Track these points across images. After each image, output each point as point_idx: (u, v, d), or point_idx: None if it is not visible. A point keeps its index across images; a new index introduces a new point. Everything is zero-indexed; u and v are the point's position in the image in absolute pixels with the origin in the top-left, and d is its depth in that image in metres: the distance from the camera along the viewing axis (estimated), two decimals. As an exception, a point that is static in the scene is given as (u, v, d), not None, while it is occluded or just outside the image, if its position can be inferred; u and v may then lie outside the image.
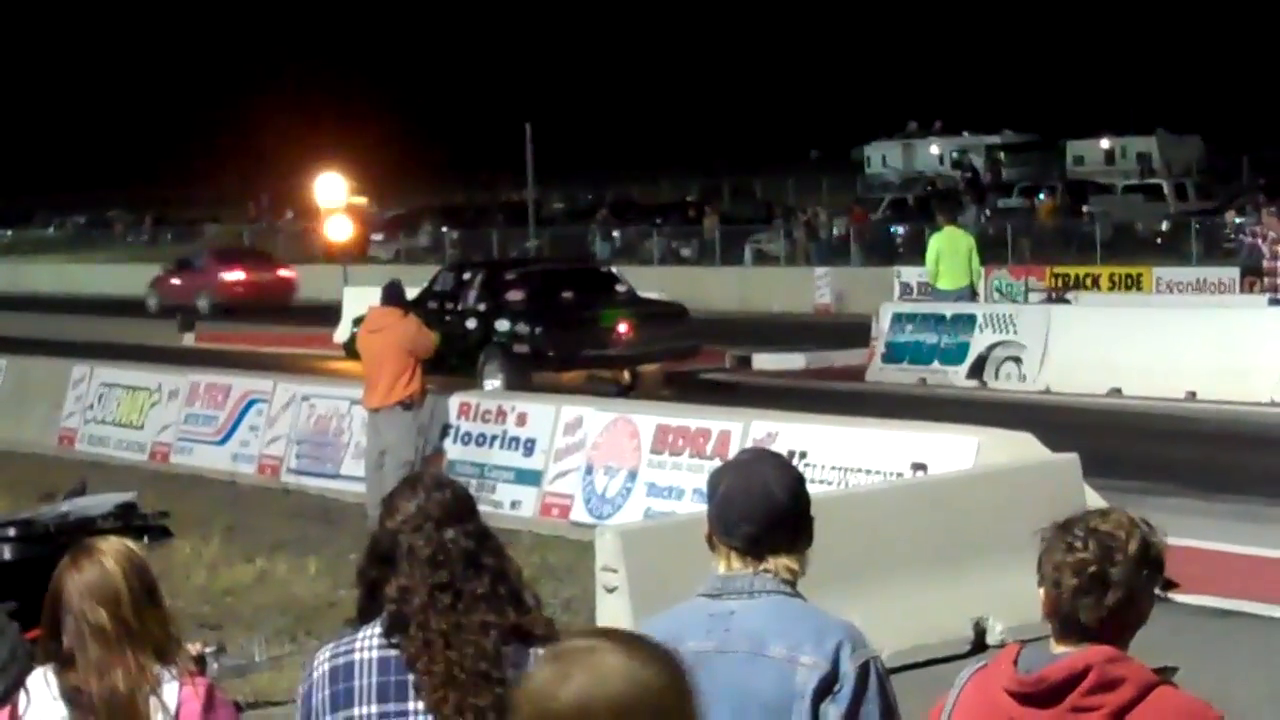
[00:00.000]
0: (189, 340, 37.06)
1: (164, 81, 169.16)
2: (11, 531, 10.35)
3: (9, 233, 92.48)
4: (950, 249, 26.23)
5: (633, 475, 16.06)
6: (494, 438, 17.68)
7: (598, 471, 16.43)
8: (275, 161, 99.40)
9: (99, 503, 10.94)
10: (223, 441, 20.71)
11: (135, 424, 22.14)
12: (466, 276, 27.61)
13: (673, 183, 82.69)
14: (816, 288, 41.18)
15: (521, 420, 17.54)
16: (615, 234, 56.98)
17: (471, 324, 25.97)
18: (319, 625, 12.57)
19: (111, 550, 4.53)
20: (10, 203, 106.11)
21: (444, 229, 61.68)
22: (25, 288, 59.10)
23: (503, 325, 25.84)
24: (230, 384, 21.28)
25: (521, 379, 24.74)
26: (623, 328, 25.87)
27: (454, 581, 4.29)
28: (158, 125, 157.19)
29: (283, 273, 49.68)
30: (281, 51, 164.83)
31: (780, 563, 4.23)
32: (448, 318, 25.23)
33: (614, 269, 31.95)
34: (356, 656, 4.33)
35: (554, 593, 12.74)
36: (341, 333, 29.37)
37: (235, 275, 47.55)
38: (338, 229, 39.10)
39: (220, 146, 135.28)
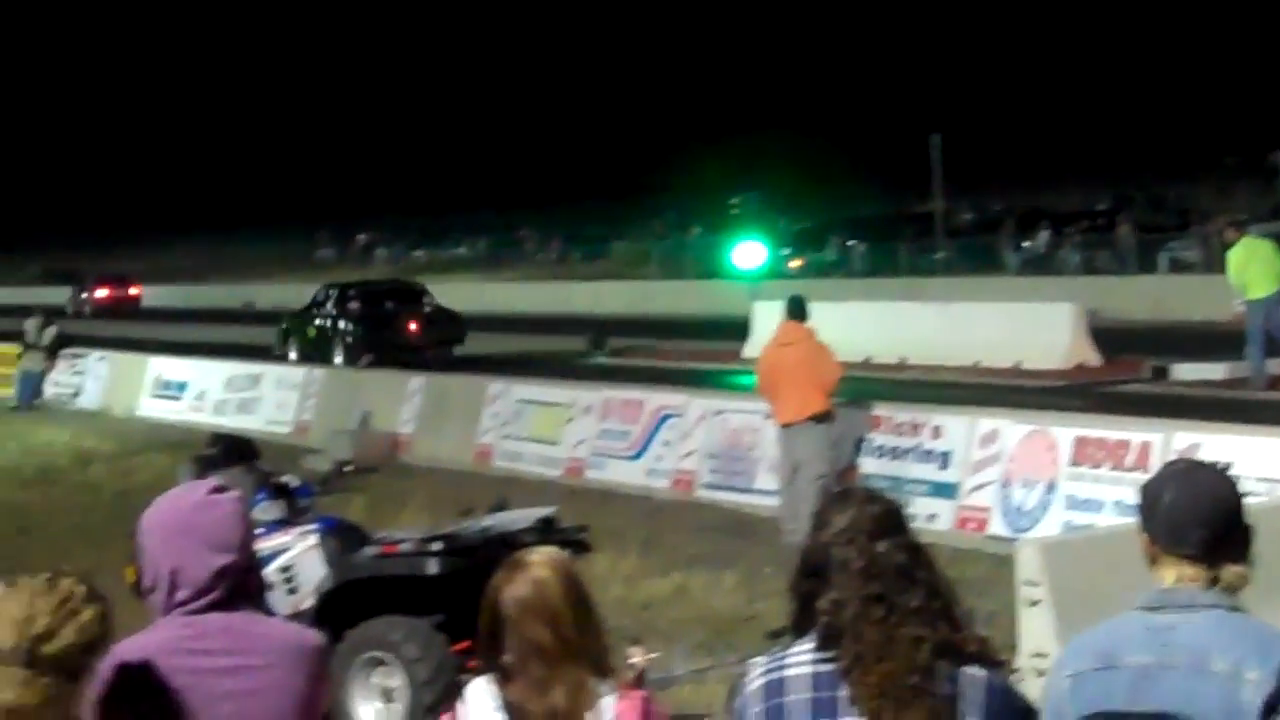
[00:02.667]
0: (600, 356, 37.55)
1: (572, 104, 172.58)
2: (437, 546, 10.53)
3: (423, 252, 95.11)
4: (1252, 258, 25.54)
5: (1051, 488, 15.71)
6: (908, 450, 17.47)
7: (1015, 484, 16.11)
8: (684, 177, 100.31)
9: (520, 517, 11.07)
10: (637, 456, 20.88)
11: (550, 439, 22.46)
12: (329, 293, 41.75)
13: (1083, 191, 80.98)
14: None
15: (937, 433, 17.30)
16: (1025, 244, 55.90)
17: (327, 324, 40.03)
18: (737, 639, 12.53)
19: (546, 563, 4.48)
20: (424, 222, 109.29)
21: (851, 242, 61.35)
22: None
23: (343, 325, 39.65)
24: (643, 399, 21.45)
25: (354, 360, 36.41)
26: (413, 326, 39.50)
27: (887, 594, 4.20)
28: (564, 145, 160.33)
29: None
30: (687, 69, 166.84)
31: (1234, 570, 4.06)
32: (318, 320, 40.50)
33: (423, 284, 45.91)
34: (789, 672, 4.25)
35: (974, 607, 12.47)
36: (752, 347, 29.60)
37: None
38: (748, 256, 39.41)
39: (625, 165, 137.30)
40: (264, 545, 11.15)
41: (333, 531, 11.42)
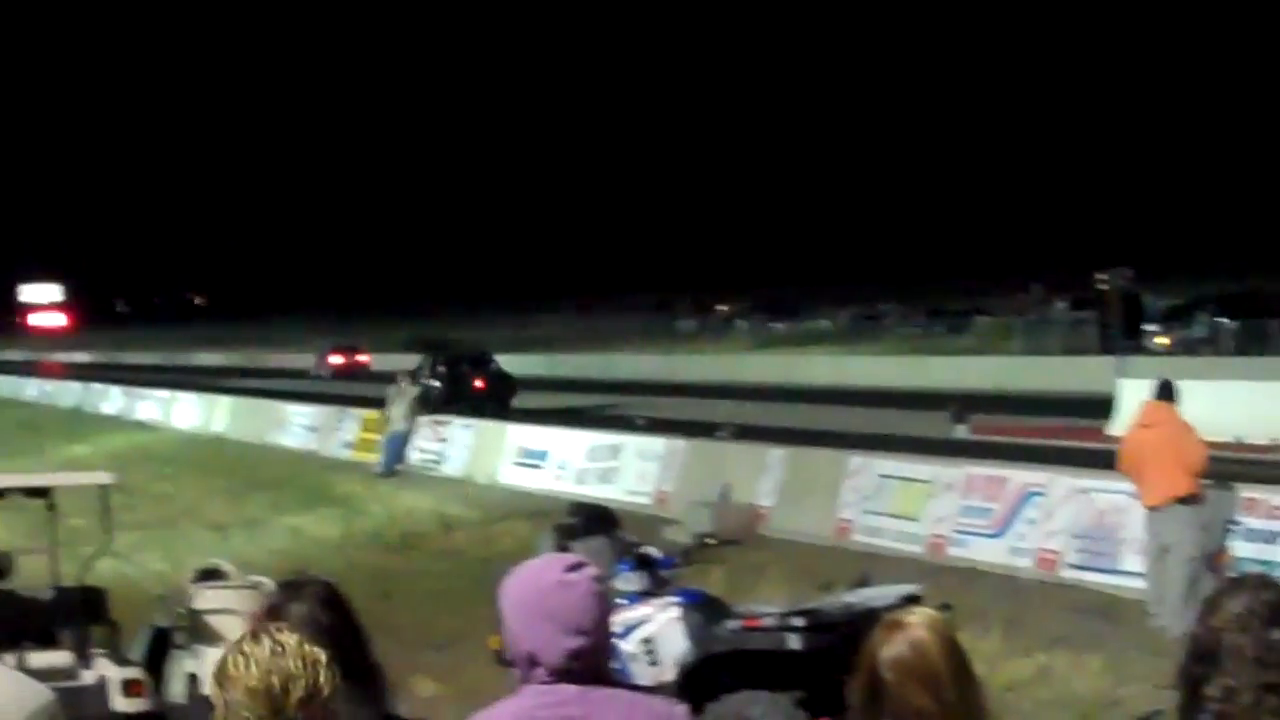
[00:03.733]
0: (961, 432, 37.09)
1: (937, 179, 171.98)
2: (799, 621, 10.45)
3: (783, 325, 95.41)
4: None
5: None
6: (1284, 535, 16.87)
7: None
8: (1048, 251, 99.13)
9: (883, 594, 10.92)
10: (999, 534, 20.53)
11: (911, 515, 22.21)
12: (425, 361, 53.47)
13: None
14: None
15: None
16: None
17: (425, 381, 48.75)
18: (1102, 724, 12.20)
19: (924, 623, 4.33)
20: (783, 296, 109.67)
21: (1222, 319, 59.74)
22: (800, 379, 60.76)
23: (434, 382, 50.57)
24: (1006, 476, 21.09)
25: (441, 409, 42.78)
26: (479, 383, 51.96)
27: None
28: (926, 220, 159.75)
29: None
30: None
31: None
32: (420, 380, 46.85)
33: (490, 352, 58.68)
34: None
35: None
36: (1116, 425, 28.96)
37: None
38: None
39: (988, 239, 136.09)
40: (626, 616, 11.20)
41: (695, 604, 11.41)
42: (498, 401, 49.68)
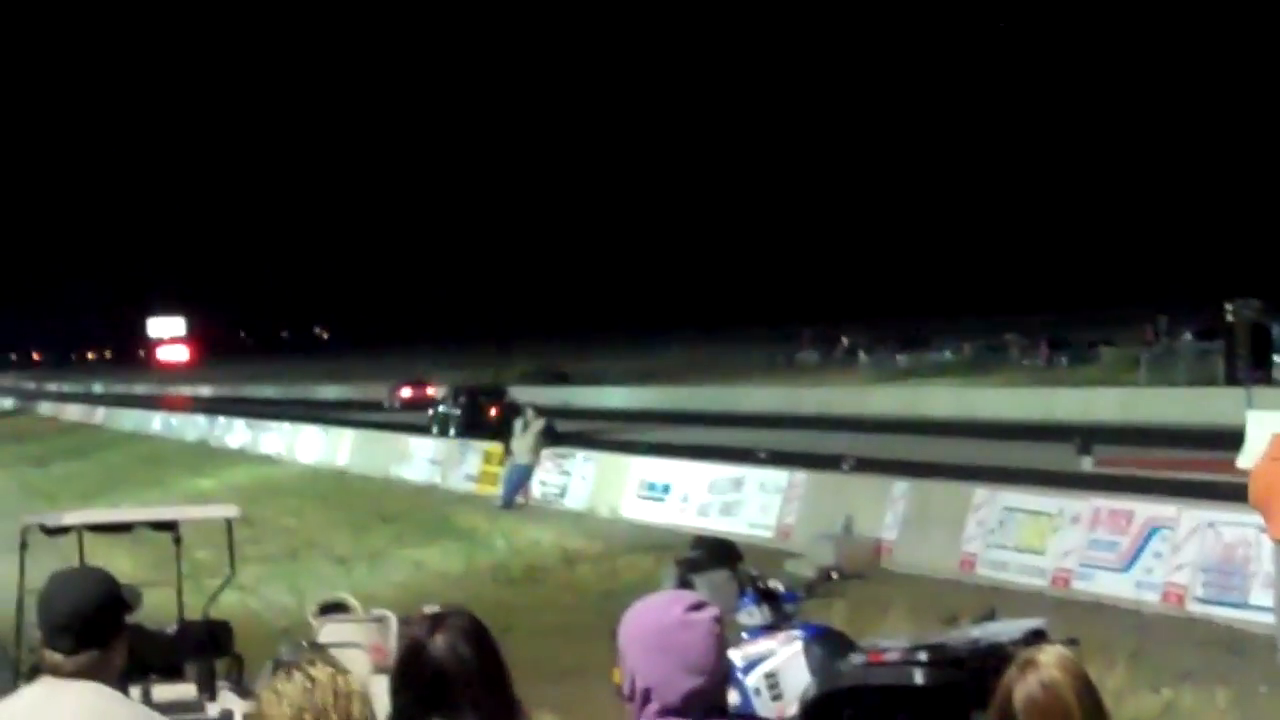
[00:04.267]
0: (1087, 464, 36.74)
1: (1057, 209, 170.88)
2: (924, 656, 10.36)
3: (905, 357, 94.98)
4: None
5: None
6: None
7: None
8: (1175, 281, 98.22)
9: (1009, 629, 10.81)
10: (1126, 568, 20.30)
11: (1036, 549, 22.00)
12: (451, 393, 64.95)
13: None
14: None
15: None
16: None
17: (449, 410, 61.65)
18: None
19: (1057, 662, 4.33)
20: (906, 328, 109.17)
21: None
22: (924, 411, 60.44)
23: (456, 411, 61.05)
24: (1133, 509, 20.84)
25: (463, 433, 54.15)
26: (493, 411, 58.15)
27: None
28: (1050, 251, 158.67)
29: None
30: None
31: None
32: (442, 408, 62.49)
33: (504, 386, 71.55)
34: None
35: None
36: (1245, 458, 28.58)
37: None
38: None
39: (1113, 269, 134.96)
40: (749, 650, 11.15)
41: (818, 638, 11.35)
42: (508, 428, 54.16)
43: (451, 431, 57.78)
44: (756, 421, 59.34)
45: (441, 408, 63.38)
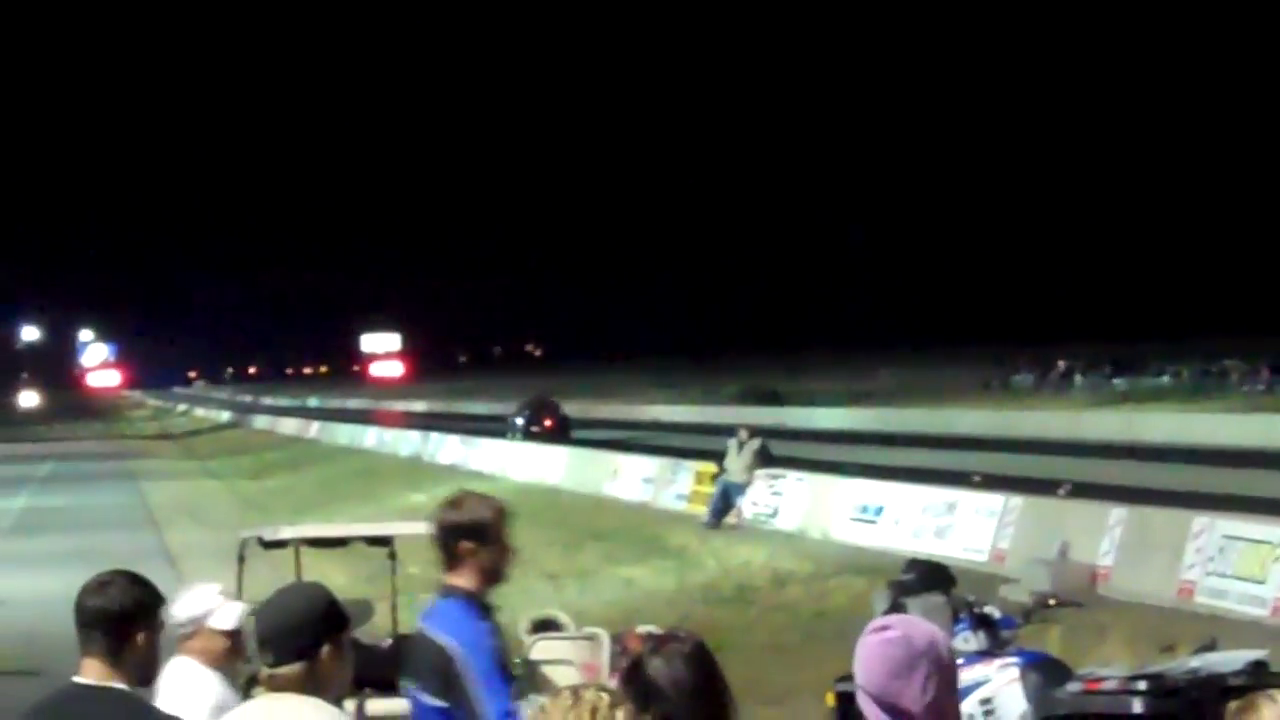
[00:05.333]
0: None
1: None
2: (1142, 685, 10.19)
3: (1122, 380, 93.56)
4: None
5: None
6: None
7: None
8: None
9: (1229, 659, 10.60)
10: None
11: (1257, 578, 21.55)
12: (520, 407, 79.07)
13: None
14: None
15: None
16: None
17: (514, 420, 76.15)
18: None
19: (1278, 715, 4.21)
20: (1125, 351, 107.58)
21: None
22: (1141, 436, 59.46)
23: (520, 422, 75.30)
24: (1359, 539, 20.38)
25: (529, 438, 67.92)
26: (549, 422, 74.93)
27: None
28: (1272, 274, 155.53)
29: None
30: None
31: None
32: (518, 421, 76.19)
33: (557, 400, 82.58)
34: None
35: None
36: None
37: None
38: None
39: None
40: (964, 676, 11.03)
41: (1035, 665, 11.21)
42: (563, 435, 70.44)
43: (517, 436, 70.84)
44: (970, 444, 58.78)
45: (519, 419, 76.29)
